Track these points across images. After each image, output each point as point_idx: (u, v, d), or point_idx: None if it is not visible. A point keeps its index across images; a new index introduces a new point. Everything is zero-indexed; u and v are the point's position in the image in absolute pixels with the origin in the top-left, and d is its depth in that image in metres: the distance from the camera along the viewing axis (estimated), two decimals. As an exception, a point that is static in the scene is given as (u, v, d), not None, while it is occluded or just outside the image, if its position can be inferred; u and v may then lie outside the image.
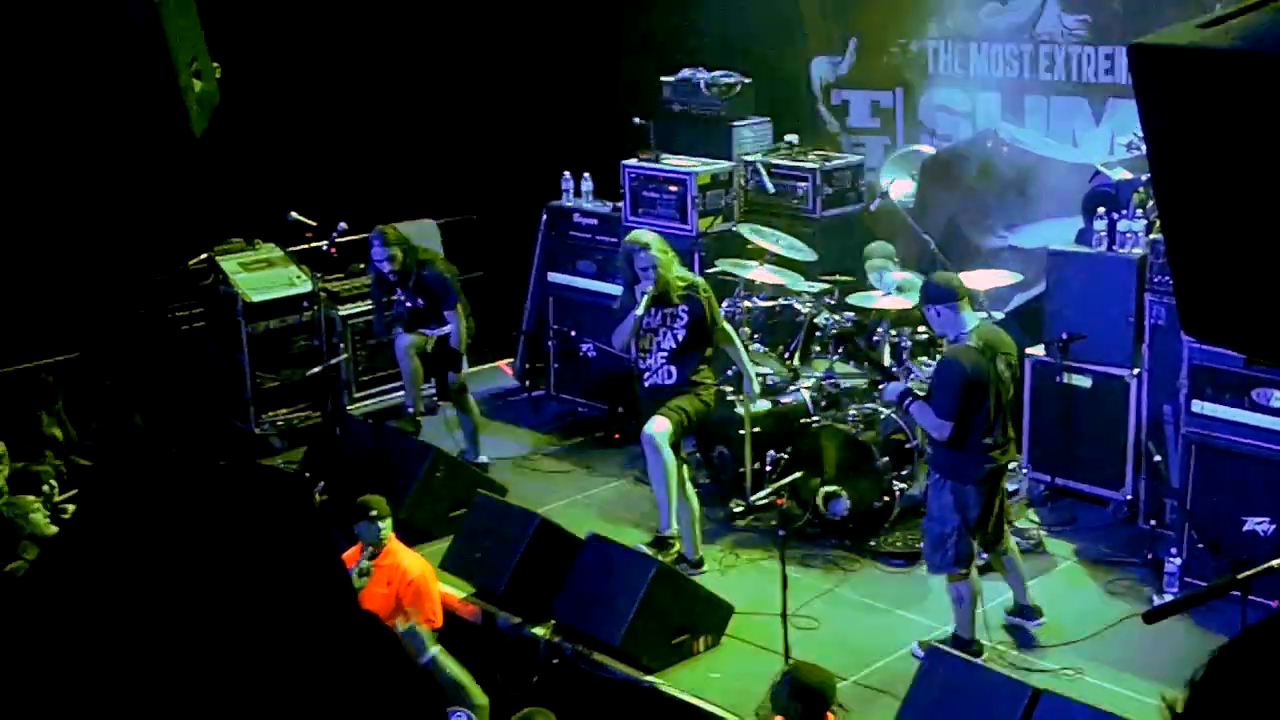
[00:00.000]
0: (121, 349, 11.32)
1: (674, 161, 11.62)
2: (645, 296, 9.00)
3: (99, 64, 4.84)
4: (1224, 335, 3.80)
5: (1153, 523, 9.24)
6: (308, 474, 8.96)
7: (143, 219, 10.95)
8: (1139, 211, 9.46)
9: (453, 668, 6.65)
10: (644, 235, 9.29)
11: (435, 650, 6.70)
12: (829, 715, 6.55)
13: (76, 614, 1.74)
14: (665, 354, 9.15)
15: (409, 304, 10.68)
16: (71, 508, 8.74)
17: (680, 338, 9.10)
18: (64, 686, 1.71)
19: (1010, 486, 9.42)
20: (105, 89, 4.89)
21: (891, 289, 9.88)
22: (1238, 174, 3.23)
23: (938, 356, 8.99)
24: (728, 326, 9.34)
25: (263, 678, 1.72)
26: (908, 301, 9.63)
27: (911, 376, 9.36)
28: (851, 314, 10.14)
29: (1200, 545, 8.54)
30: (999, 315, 9.16)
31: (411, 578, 8.25)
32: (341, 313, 11.86)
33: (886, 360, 9.75)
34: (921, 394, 8.00)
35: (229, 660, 1.71)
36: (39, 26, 4.63)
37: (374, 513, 8.23)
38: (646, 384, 9.29)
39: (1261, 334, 3.52)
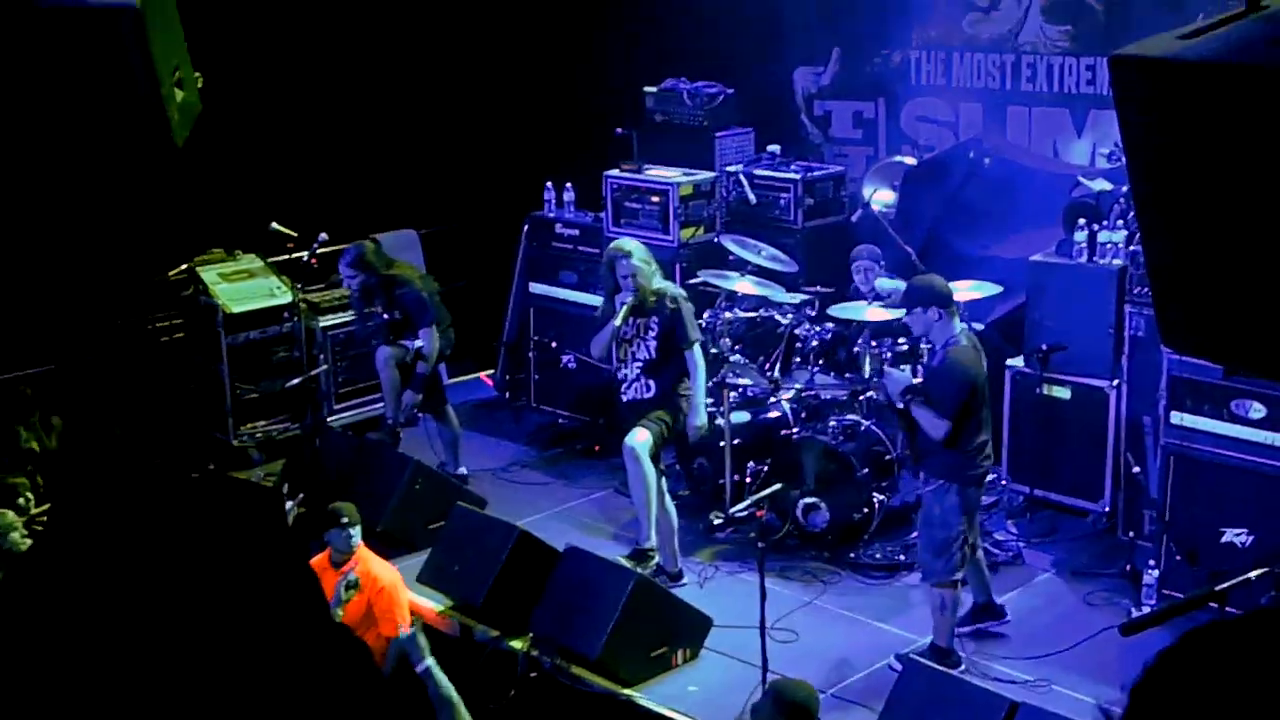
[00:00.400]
0: (100, 360, 11.26)
1: (656, 172, 11.61)
2: (624, 306, 8.99)
3: (80, 72, 4.81)
4: (1202, 347, 3.80)
5: (1131, 534, 9.27)
6: (284, 486, 8.94)
7: (122, 229, 10.89)
8: (1119, 223, 9.48)
9: (445, 684, 6.63)
10: (627, 243, 9.29)
11: (431, 661, 6.69)
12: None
13: (47, 628, 1.72)
14: (640, 365, 9.15)
15: (386, 316, 10.66)
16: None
17: (653, 349, 9.10)
18: (36, 697, 1.69)
19: (988, 498, 9.45)
20: (86, 97, 4.86)
21: (872, 291, 9.89)
22: (1217, 185, 3.22)
23: (919, 365, 9.00)
24: (697, 352, 9.18)
25: (232, 687, 1.71)
26: (887, 313, 9.63)
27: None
28: (832, 325, 10.13)
29: (1179, 556, 8.55)
30: (979, 326, 9.16)
31: (382, 585, 8.25)
32: (322, 324, 11.81)
33: (867, 371, 9.74)
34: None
35: (198, 669, 1.70)
36: (18, 35, 4.61)
37: (345, 519, 8.23)
38: (625, 398, 9.29)
39: (1239, 346, 3.51)
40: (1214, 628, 1.46)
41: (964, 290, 9.52)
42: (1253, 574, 6.81)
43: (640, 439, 8.95)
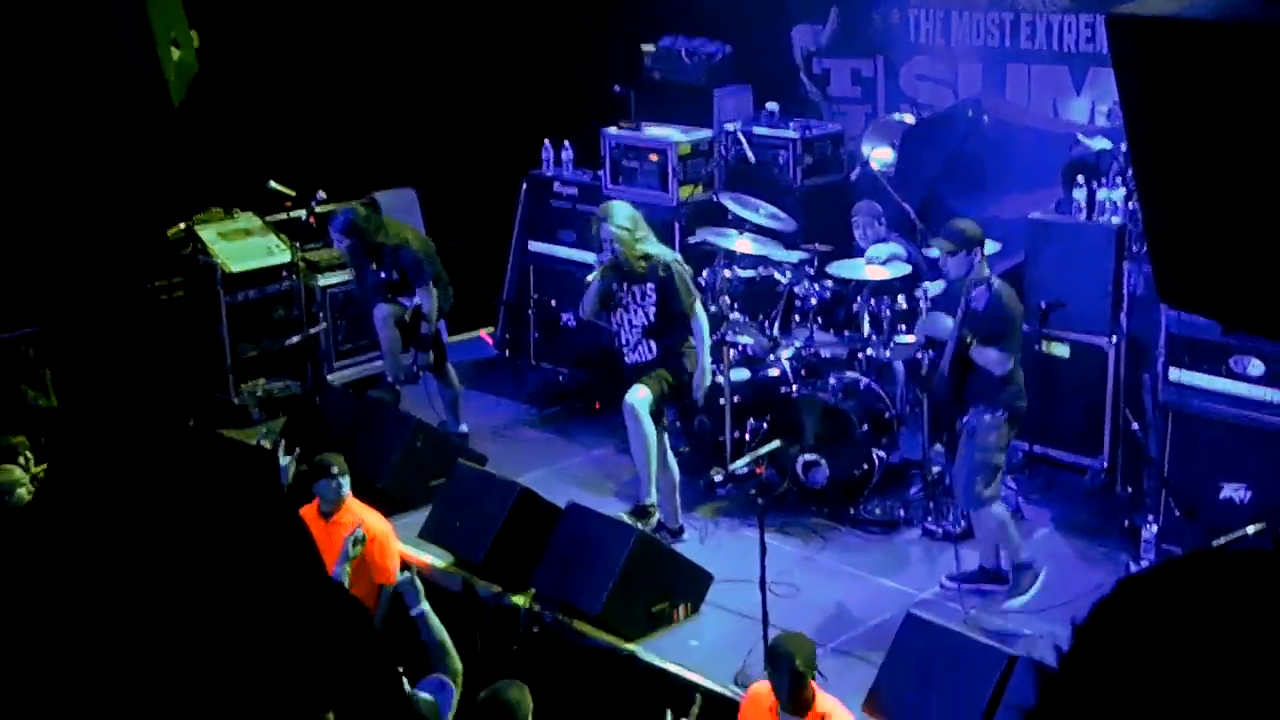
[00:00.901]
0: (99, 319, 11.28)
1: (654, 130, 11.60)
2: (598, 268, 9.01)
3: (75, 32, 4.81)
4: (1199, 302, 3.82)
5: (1130, 490, 9.30)
6: (281, 442, 8.94)
7: (120, 189, 10.90)
8: (1118, 180, 9.48)
9: (438, 627, 6.70)
10: (610, 206, 9.24)
11: (425, 606, 6.76)
12: (810, 683, 6.58)
13: (37, 591, 1.73)
14: (640, 330, 9.14)
15: (384, 275, 10.67)
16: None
17: (651, 315, 9.09)
18: (27, 660, 1.71)
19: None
20: (82, 58, 4.86)
21: (871, 246, 9.92)
22: (1214, 144, 3.24)
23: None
24: (699, 314, 9.15)
25: (227, 649, 1.73)
26: (886, 271, 9.66)
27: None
28: (831, 283, 10.14)
29: (1177, 513, 8.58)
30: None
31: (374, 534, 8.31)
32: (321, 282, 11.82)
33: (866, 329, 9.76)
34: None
35: (192, 632, 1.72)
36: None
37: (334, 469, 8.28)
38: (628, 362, 9.30)
39: (1235, 301, 3.53)
40: (1166, 568, 1.47)
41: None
42: (1250, 529, 6.88)
43: (640, 396, 8.97)
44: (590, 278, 9.08)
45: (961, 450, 8.30)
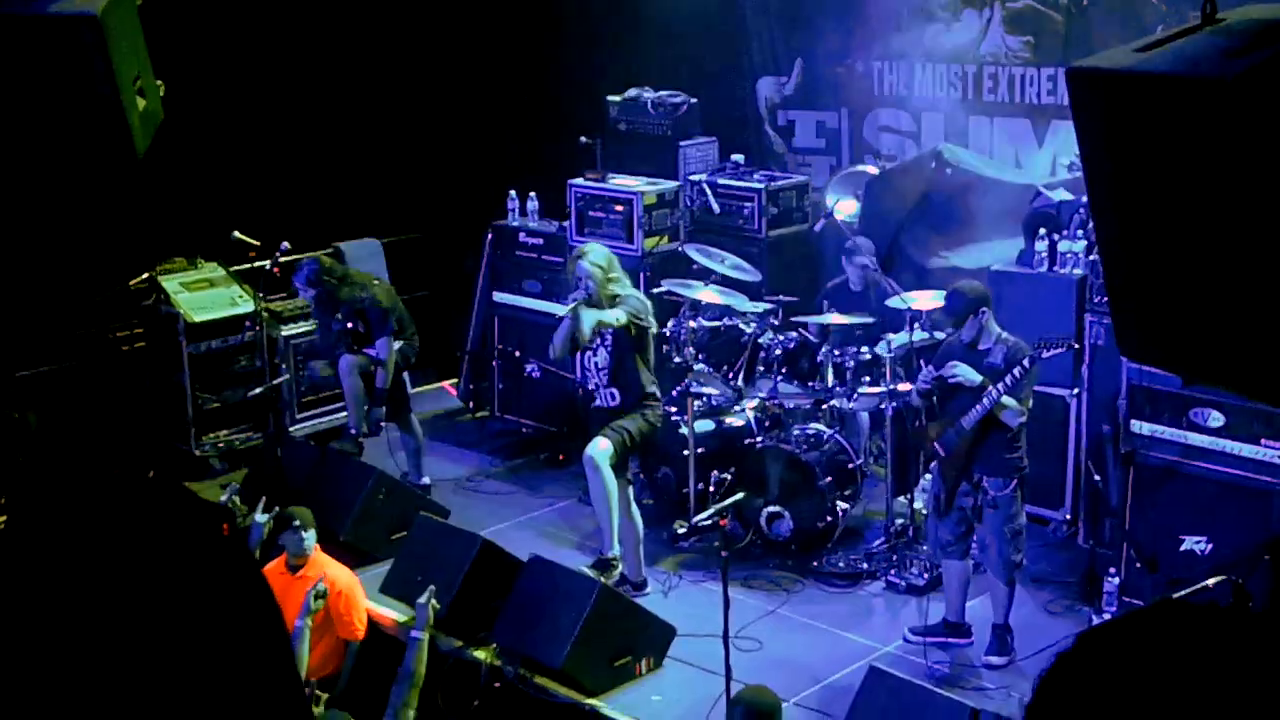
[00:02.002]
0: (60, 369, 11.20)
1: (620, 181, 11.62)
2: (571, 304, 9.02)
3: (41, 81, 4.79)
4: (1159, 357, 3.82)
5: (1092, 542, 9.30)
6: (261, 501, 8.87)
7: (83, 238, 10.84)
8: (1080, 233, 9.53)
9: (422, 660, 6.78)
10: (588, 245, 9.36)
11: (426, 635, 6.81)
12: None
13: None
14: (605, 373, 9.15)
15: (349, 325, 10.64)
16: None
17: (609, 354, 9.09)
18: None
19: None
20: (47, 106, 4.84)
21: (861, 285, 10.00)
22: (1172, 197, 3.25)
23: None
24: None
25: (180, 703, 1.70)
26: (845, 319, 9.71)
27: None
28: (795, 334, 10.15)
29: (1139, 564, 8.59)
30: (941, 335, 9.19)
31: (340, 588, 8.27)
32: (284, 333, 11.78)
33: (830, 380, 9.76)
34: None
35: (146, 682, 1.69)
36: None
37: (297, 523, 8.29)
38: (593, 406, 9.32)
39: (1195, 355, 3.54)
40: (1126, 621, 1.48)
41: (926, 299, 9.55)
42: (1210, 581, 6.87)
43: (600, 448, 8.95)
44: (563, 311, 9.09)
45: (988, 525, 8.25)
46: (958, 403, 8.26)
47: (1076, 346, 8.30)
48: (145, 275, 11.66)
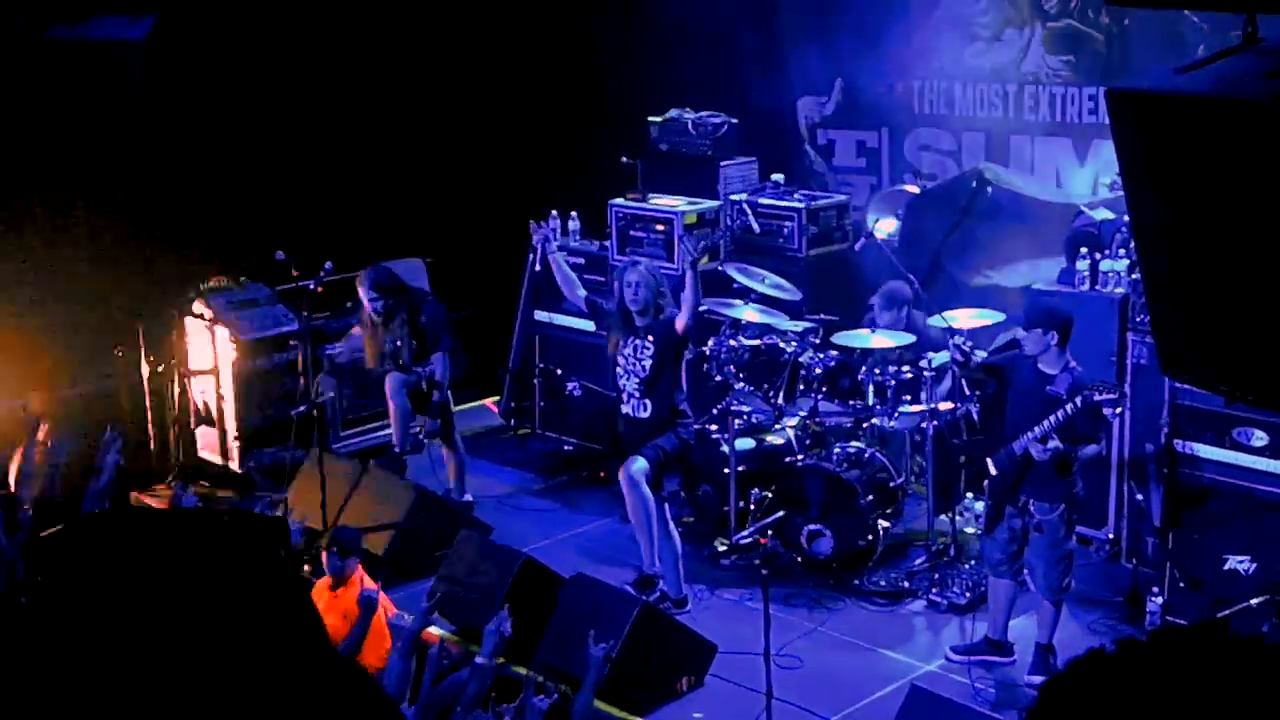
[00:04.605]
0: (105, 388, 11.29)
1: (661, 201, 11.66)
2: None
3: (86, 105, 4.86)
4: (1201, 375, 3.83)
5: (1135, 561, 9.27)
6: (292, 512, 8.95)
7: (130, 257, 10.93)
8: (1121, 251, 9.52)
9: (484, 689, 6.83)
10: (644, 261, 9.60)
11: (493, 663, 6.99)
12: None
13: (39, 664, 1.74)
14: (638, 382, 9.18)
15: (399, 343, 10.70)
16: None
17: (648, 366, 9.13)
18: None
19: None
20: (90, 128, 4.91)
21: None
22: (1212, 216, 3.26)
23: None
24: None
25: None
26: (890, 341, 9.69)
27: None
28: (835, 353, 10.15)
29: (1182, 584, 8.56)
30: (981, 355, 9.18)
31: (383, 604, 8.30)
32: (328, 352, 11.85)
33: (871, 399, 9.76)
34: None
35: (199, 704, 1.72)
36: (24, 68, 4.66)
37: (336, 549, 8.33)
38: (623, 412, 9.34)
39: (1237, 374, 3.55)
40: (1102, 654, 1.51)
41: (967, 318, 9.55)
42: (1254, 601, 6.85)
43: (637, 466, 9.01)
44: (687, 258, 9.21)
45: (1034, 548, 8.23)
46: (1012, 424, 8.24)
47: (1121, 406, 8.16)
48: (191, 294, 11.75)
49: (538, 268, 10.50)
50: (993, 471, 8.31)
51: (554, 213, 12.35)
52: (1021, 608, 8.75)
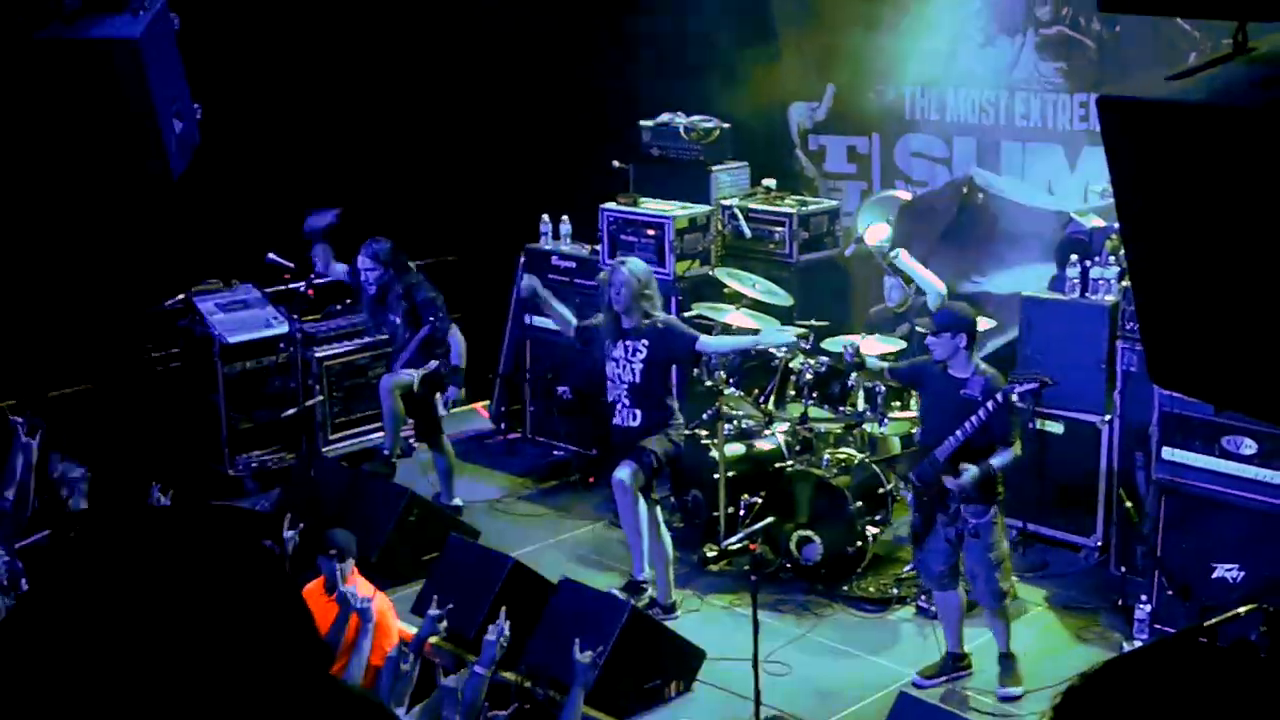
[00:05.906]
0: (96, 390, 11.27)
1: (652, 205, 11.67)
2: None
3: (79, 105, 4.85)
4: (1190, 385, 3.83)
5: (1123, 569, 9.28)
6: (286, 516, 8.92)
7: (119, 259, 10.93)
8: (1111, 259, 9.53)
9: (479, 701, 6.81)
10: (631, 259, 9.52)
11: (488, 673, 6.98)
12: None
13: (43, 660, 1.73)
14: (626, 389, 9.18)
15: (396, 319, 10.69)
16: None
17: (639, 371, 9.12)
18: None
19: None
20: (85, 130, 4.90)
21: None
22: (1203, 225, 3.26)
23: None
24: (709, 339, 9.46)
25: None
26: (882, 346, 9.69)
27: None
28: (826, 359, 10.15)
29: (1170, 591, 8.56)
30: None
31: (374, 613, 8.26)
32: (318, 354, 11.83)
33: (861, 405, 9.76)
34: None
35: (190, 703, 1.71)
36: (15, 67, 4.64)
37: (333, 552, 8.29)
38: (614, 421, 9.32)
39: (1227, 384, 3.54)
40: (1139, 653, 1.50)
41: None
42: (1242, 609, 6.85)
43: (627, 471, 9.00)
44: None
45: (972, 556, 8.22)
46: (929, 432, 8.26)
47: (1050, 383, 8.15)
48: (180, 296, 11.73)
49: (523, 295, 10.50)
50: (916, 483, 8.30)
51: (545, 217, 12.35)
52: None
